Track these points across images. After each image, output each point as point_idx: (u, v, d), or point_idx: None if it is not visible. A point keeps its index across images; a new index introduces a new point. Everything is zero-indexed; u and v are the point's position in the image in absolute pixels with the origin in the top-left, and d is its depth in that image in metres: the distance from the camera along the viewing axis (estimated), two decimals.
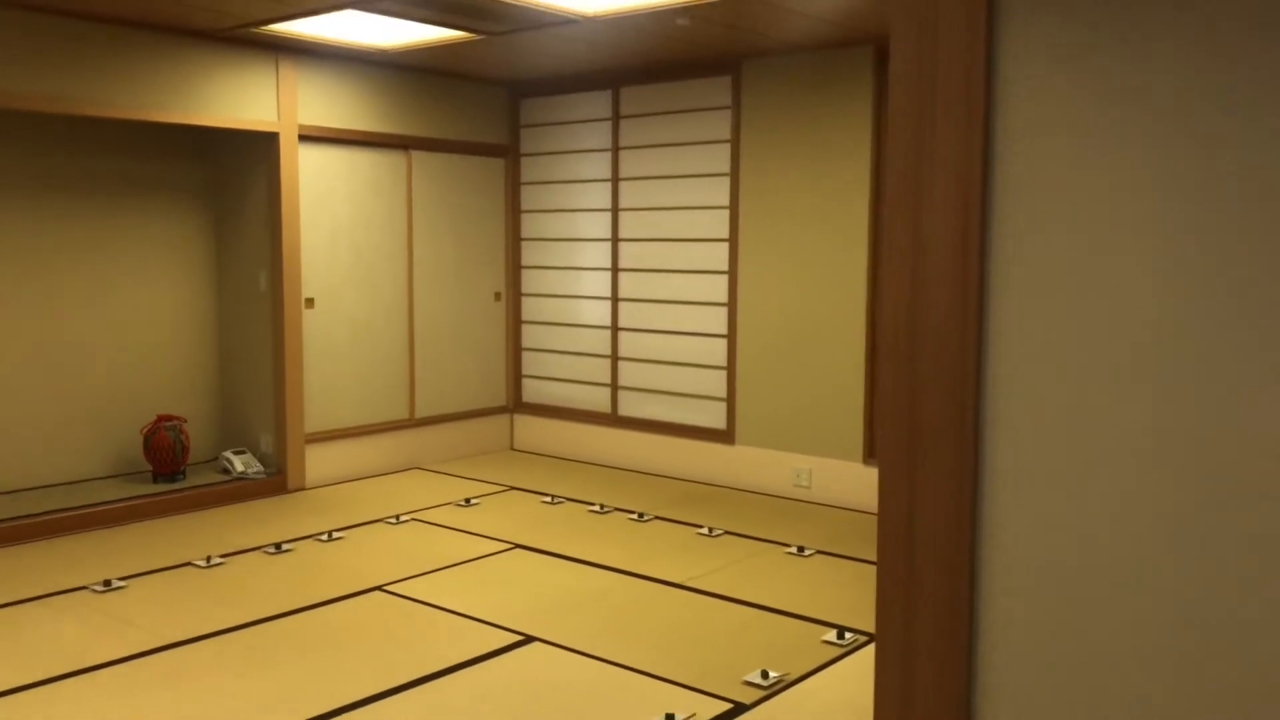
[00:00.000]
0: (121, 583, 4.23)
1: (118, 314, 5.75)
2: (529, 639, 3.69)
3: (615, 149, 6.38)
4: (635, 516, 5.33)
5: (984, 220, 1.54)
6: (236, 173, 5.97)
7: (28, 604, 3.99)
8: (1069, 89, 1.47)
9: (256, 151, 5.79)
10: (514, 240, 6.94)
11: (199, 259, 6.10)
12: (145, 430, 5.59)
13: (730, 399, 5.96)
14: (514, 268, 6.96)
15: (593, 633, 3.75)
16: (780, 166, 5.68)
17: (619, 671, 3.43)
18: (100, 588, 4.16)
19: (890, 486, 1.64)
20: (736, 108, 5.81)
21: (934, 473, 1.59)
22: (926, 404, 1.59)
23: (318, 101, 5.81)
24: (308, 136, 5.78)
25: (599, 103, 6.44)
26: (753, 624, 3.87)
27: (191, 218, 6.06)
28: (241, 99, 5.49)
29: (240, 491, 5.63)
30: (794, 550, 4.75)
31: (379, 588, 4.23)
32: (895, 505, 1.63)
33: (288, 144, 5.67)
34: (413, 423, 6.44)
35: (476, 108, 6.67)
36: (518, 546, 4.82)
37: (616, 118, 6.36)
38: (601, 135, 6.45)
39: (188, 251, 6.04)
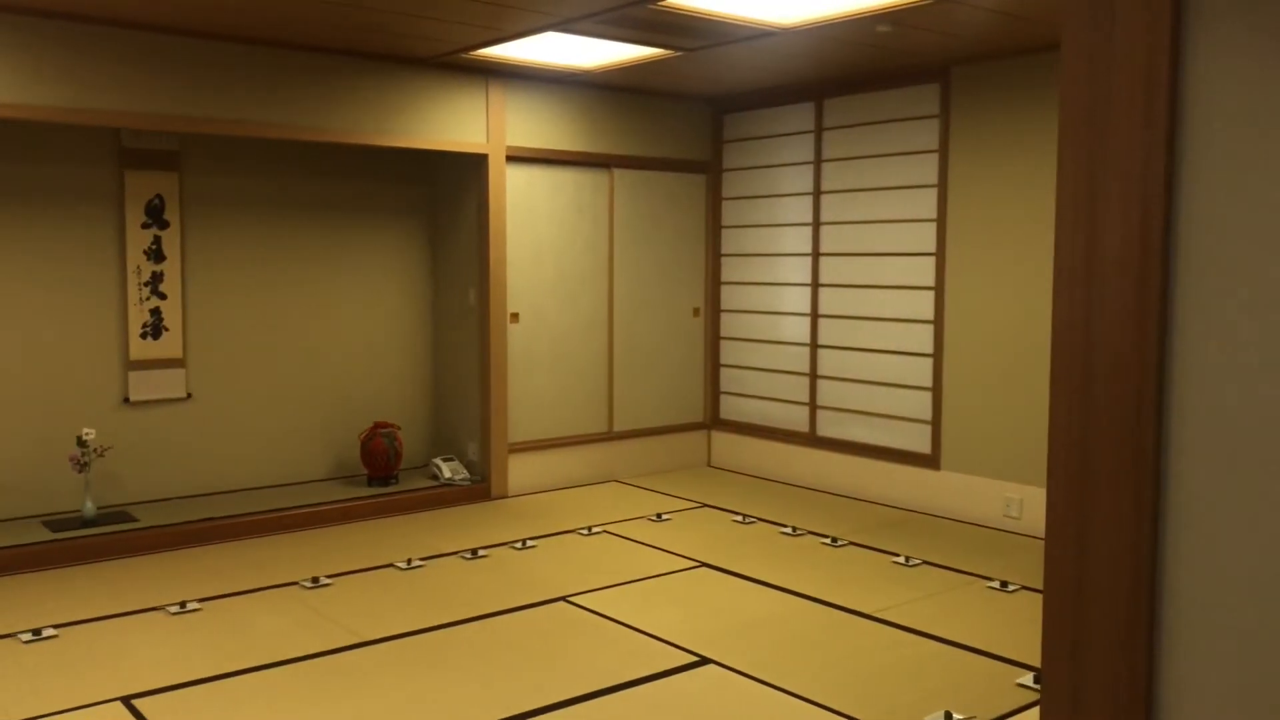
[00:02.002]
0: (329, 580, 4.48)
1: (340, 327, 6.14)
2: (705, 660, 3.62)
3: (817, 161, 6.23)
4: (829, 541, 5.15)
5: (1166, 230, 1.35)
6: (449, 193, 6.26)
7: (243, 596, 4.30)
8: (1274, 70, 1.26)
9: (467, 172, 6.04)
10: (714, 256, 6.91)
11: (415, 275, 6.42)
12: (363, 436, 5.92)
13: (935, 421, 5.67)
14: (713, 283, 6.93)
15: (772, 660, 3.64)
16: (992, 176, 5.36)
17: (794, 702, 3.30)
18: (309, 584, 4.42)
19: (1058, 534, 1.47)
20: (945, 116, 5.54)
21: (1107, 519, 1.41)
22: (1099, 439, 1.41)
23: (524, 122, 6.00)
24: (514, 157, 5.97)
25: (801, 115, 6.31)
26: (943, 661, 3.64)
27: (408, 236, 6.39)
28: (455, 122, 5.74)
29: (446, 497, 5.86)
30: (997, 585, 4.45)
31: (564, 598, 4.27)
32: (1063, 554, 1.45)
33: (496, 164, 5.88)
34: (611, 436, 6.52)
35: (678, 124, 6.69)
36: (704, 565, 4.75)
37: (819, 130, 6.21)
38: (804, 148, 6.31)
39: (405, 268, 6.38)
